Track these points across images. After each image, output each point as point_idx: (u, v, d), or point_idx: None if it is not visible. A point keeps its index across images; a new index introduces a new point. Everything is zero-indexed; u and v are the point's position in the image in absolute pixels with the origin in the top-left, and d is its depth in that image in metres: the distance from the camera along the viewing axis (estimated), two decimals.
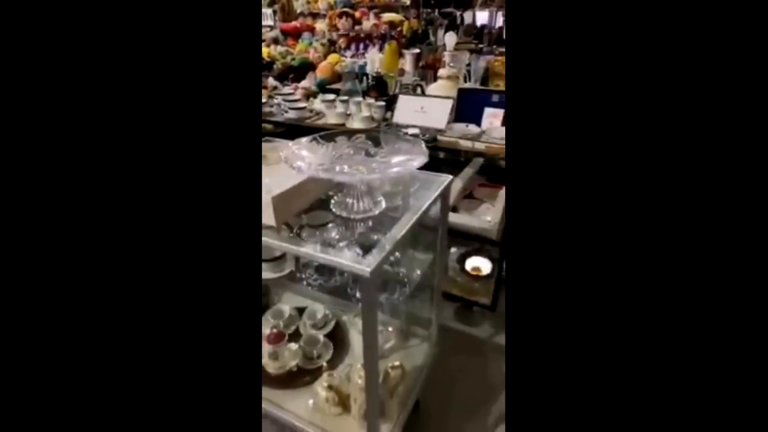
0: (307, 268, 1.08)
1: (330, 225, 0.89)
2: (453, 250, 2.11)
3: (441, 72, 1.82)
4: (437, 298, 1.23)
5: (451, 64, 1.77)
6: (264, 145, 1.06)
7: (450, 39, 1.80)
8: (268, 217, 0.81)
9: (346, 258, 0.75)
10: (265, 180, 0.83)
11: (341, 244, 0.81)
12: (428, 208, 0.94)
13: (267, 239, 0.81)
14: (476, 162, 1.81)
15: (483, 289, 1.86)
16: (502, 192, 1.59)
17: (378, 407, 0.98)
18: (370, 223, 0.88)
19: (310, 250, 0.78)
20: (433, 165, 1.23)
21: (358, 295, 1.02)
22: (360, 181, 0.82)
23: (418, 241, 1.24)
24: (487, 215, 1.66)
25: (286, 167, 0.82)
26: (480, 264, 1.97)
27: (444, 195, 1.03)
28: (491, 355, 1.67)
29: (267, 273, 1.05)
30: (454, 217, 1.68)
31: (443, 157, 1.97)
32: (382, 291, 1.00)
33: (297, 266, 1.10)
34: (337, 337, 1.33)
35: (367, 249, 0.77)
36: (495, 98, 1.62)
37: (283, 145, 1.03)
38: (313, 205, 0.93)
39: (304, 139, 0.89)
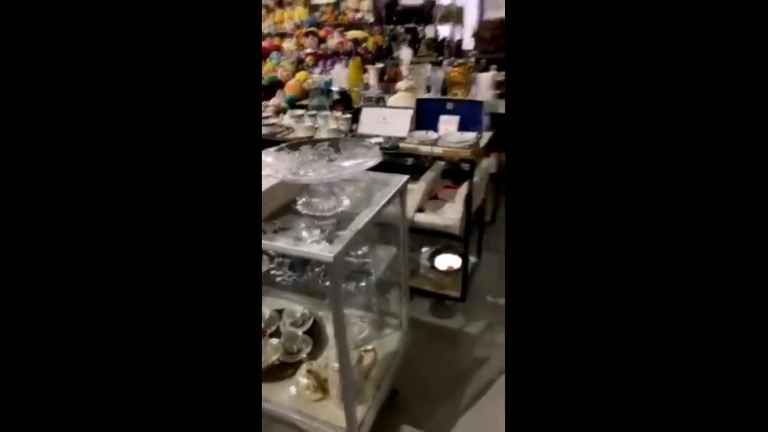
0: (281, 266, 1.20)
1: (300, 226, 1.01)
2: (424, 249, 2.25)
3: (399, 84, 1.98)
4: (404, 288, 1.36)
5: (409, 77, 1.93)
6: None
7: (406, 54, 1.96)
8: None
9: (314, 249, 0.87)
10: None
11: (309, 240, 0.93)
12: (387, 203, 1.07)
13: None
14: (437, 166, 1.97)
15: (453, 283, 2.00)
16: (461, 190, 1.74)
17: (353, 387, 1.09)
18: (335, 221, 1.00)
19: (283, 244, 0.90)
20: (401, 170, 1.36)
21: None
22: (321, 181, 0.95)
23: (386, 239, 1.37)
24: (450, 213, 1.81)
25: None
26: (449, 260, 2.12)
27: (401, 192, 1.17)
28: (464, 343, 1.80)
29: None
30: (421, 217, 1.83)
31: (411, 164, 2.12)
32: (351, 280, 1.12)
33: (272, 267, 1.21)
34: (316, 333, 1.43)
35: (332, 241, 0.90)
36: (449, 106, 1.78)
37: None
38: (285, 212, 1.05)
39: (272, 149, 1.01)
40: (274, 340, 1.33)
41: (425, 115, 1.82)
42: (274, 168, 0.90)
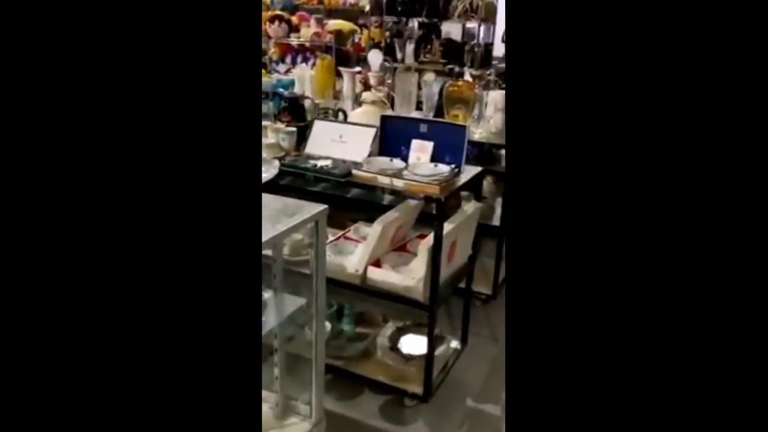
0: None
1: None
2: (388, 324, 2.43)
3: (365, 95, 2.28)
4: (317, 363, 1.55)
5: (377, 86, 2.24)
6: None
7: (375, 57, 2.29)
8: None
9: None
10: None
11: None
12: (283, 236, 1.30)
13: None
14: (408, 206, 2.20)
15: (418, 374, 2.15)
16: (427, 240, 1.95)
17: None
18: None
19: None
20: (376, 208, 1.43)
21: None
22: None
23: (303, 291, 1.58)
24: (413, 271, 2.01)
25: None
26: (417, 342, 2.28)
27: (316, 225, 1.40)
28: None
29: None
30: (375, 273, 2.02)
31: (387, 203, 2.36)
32: None
33: None
34: None
35: None
36: (423, 128, 2.05)
37: None
38: None
39: None
40: None
41: (393, 138, 2.09)
42: None
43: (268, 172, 1.21)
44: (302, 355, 1.67)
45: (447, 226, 1.94)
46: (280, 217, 1.37)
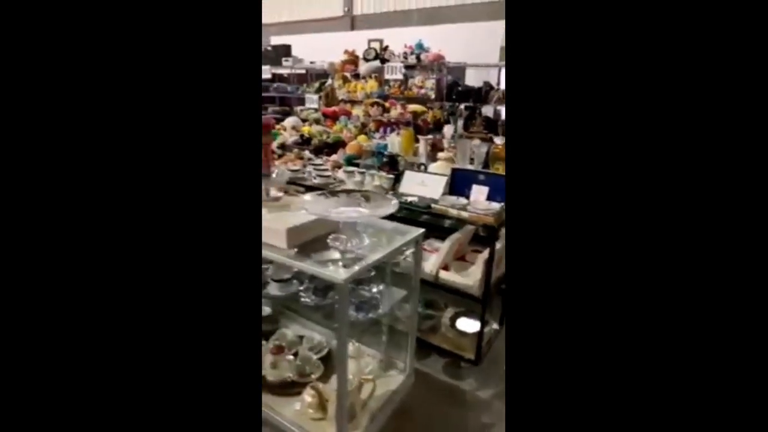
0: (308, 291, 1.42)
1: (327, 256, 1.24)
2: (449, 309, 2.37)
3: (440, 154, 2.26)
4: (411, 336, 1.51)
5: (449, 149, 2.21)
6: (287, 198, 1.48)
7: (448, 130, 2.27)
8: (282, 242, 1.19)
9: (328, 271, 1.09)
10: (286, 217, 1.22)
11: (331, 267, 1.16)
12: (400, 248, 1.28)
13: (279, 256, 1.18)
14: (466, 229, 2.15)
15: (470, 345, 2.07)
16: (484, 254, 1.89)
17: (347, 408, 1.23)
18: (355, 256, 1.23)
19: (306, 265, 1.13)
20: (436, 229, 1.47)
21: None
22: (346, 220, 1.19)
23: (405, 287, 1.55)
24: (473, 275, 1.95)
25: (303, 213, 1.22)
26: (470, 324, 2.21)
27: (417, 242, 1.38)
28: (472, 407, 1.84)
29: (276, 291, 1.40)
30: (444, 274, 1.99)
31: (447, 226, 2.33)
32: (361, 310, 1.31)
33: (300, 289, 1.44)
34: (328, 362, 1.60)
35: (346, 268, 1.12)
36: (481, 177, 2.01)
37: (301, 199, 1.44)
38: (322, 247, 1.28)
39: (313, 192, 1.29)
40: (291, 357, 1.52)
41: (458, 183, 2.06)
42: (310, 206, 1.18)
43: (394, 208, 1.19)
44: (396, 327, 1.64)
45: (497, 246, 1.88)
46: (394, 236, 1.36)
